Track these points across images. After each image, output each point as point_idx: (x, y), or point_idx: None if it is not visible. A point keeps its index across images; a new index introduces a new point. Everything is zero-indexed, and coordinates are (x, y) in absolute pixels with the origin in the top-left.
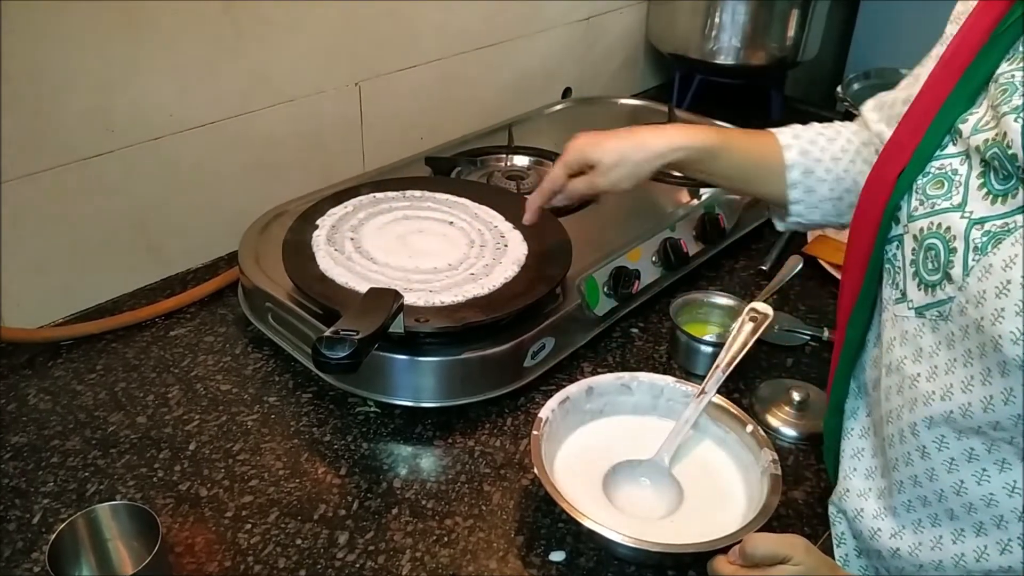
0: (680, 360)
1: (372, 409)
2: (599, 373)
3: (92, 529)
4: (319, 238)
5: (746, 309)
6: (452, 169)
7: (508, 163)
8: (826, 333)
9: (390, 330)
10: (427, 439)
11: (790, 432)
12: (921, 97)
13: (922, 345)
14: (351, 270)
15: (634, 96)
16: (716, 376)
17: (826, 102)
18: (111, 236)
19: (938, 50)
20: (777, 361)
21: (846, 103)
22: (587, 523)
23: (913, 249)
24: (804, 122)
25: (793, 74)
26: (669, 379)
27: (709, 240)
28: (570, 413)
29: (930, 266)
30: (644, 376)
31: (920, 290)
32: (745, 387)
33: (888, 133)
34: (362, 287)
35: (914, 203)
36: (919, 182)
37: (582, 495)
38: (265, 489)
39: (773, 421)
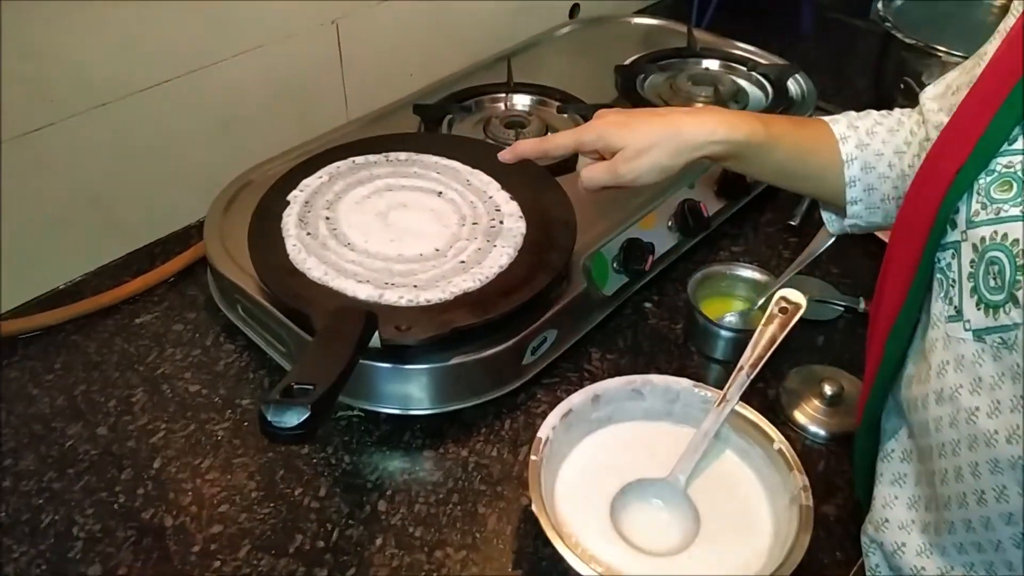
0: (697, 343)
1: (355, 413)
2: (607, 360)
3: None
4: (289, 220)
5: (775, 298)
6: (443, 117)
7: (508, 104)
8: (862, 304)
9: (368, 344)
10: (416, 448)
11: (820, 431)
12: (986, 78)
13: (981, 375)
14: (325, 259)
15: (649, 13)
16: (739, 380)
17: (861, 8)
18: (64, 215)
19: (1008, 24)
20: (807, 339)
21: (887, 22)
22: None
23: (972, 261)
24: (840, 35)
25: None
26: (685, 383)
27: (732, 196)
28: (573, 426)
29: (992, 283)
30: (657, 380)
31: (979, 310)
32: (771, 375)
33: None
34: (338, 282)
35: (975, 206)
36: (981, 181)
37: (588, 525)
38: (236, 516)
39: (801, 417)
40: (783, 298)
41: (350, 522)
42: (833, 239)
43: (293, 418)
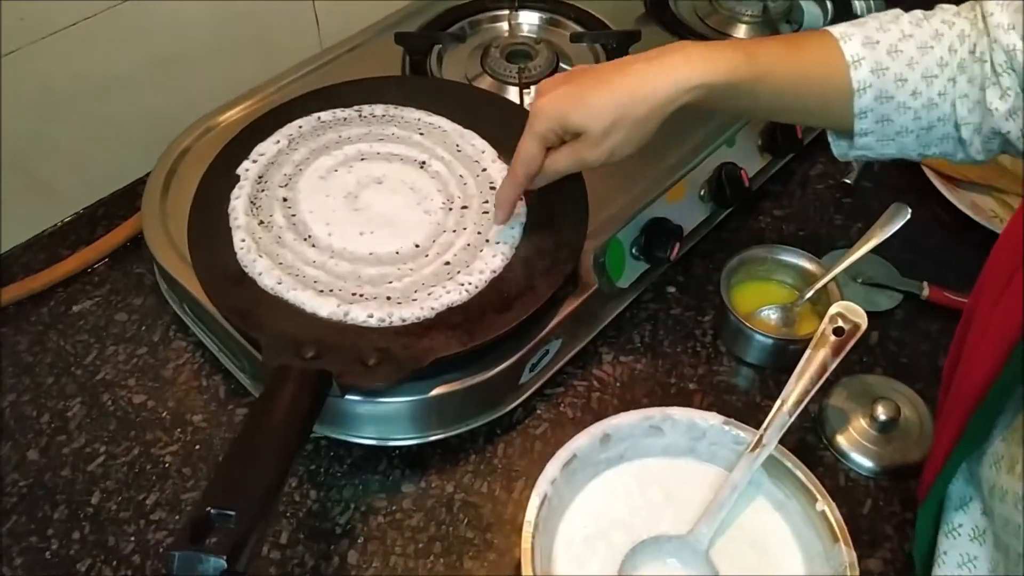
0: (727, 343)
1: (323, 435)
2: (621, 363)
3: None
4: (238, 204)
5: (828, 314)
6: (431, 48)
7: (512, 24)
8: (925, 290)
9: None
10: (394, 481)
11: (866, 462)
12: None
13: None
14: (281, 260)
15: None
16: (778, 421)
17: None
18: None
19: None
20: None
21: None
22: None
23: None
24: None
25: None
26: (713, 418)
27: (779, 151)
28: (578, 471)
29: None
30: (679, 414)
31: None
32: None
33: None
34: (295, 294)
35: None
36: None
37: None
38: None
39: (845, 443)
40: (840, 315)
41: None
42: (906, 219)
43: (207, 568)
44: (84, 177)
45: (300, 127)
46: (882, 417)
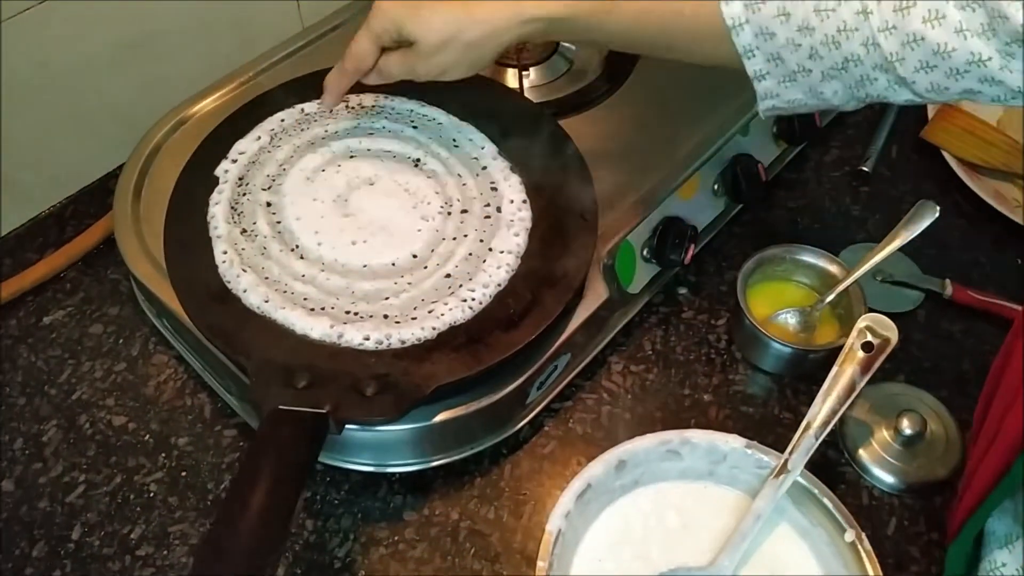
0: (743, 349)
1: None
2: (631, 373)
3: None
4: (218, 209)
5: (856, 328)
6: None
7: None
8: (948, 288)
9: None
10: (395, 508)
11: (890, 479)
12: None
13: None
14: (267, 275)
15: None
16: (804, 444)
17: None
18: None
19: None
20: None
21: None
22: None
23: None
24: None
25: None
26: (735, 441)
27: (796, 138)
28: (591, 501)
29: None
30: (699, 438)
31: None
32: None
33: None
34: (283, 314)
35: None
36: None
37: None
38: None
39: (867, 457)
40: (868, 328)
41: None
42: (934, 218)
43: None
44: (49, 173)
45: (282, 120)
46: (908, 432)
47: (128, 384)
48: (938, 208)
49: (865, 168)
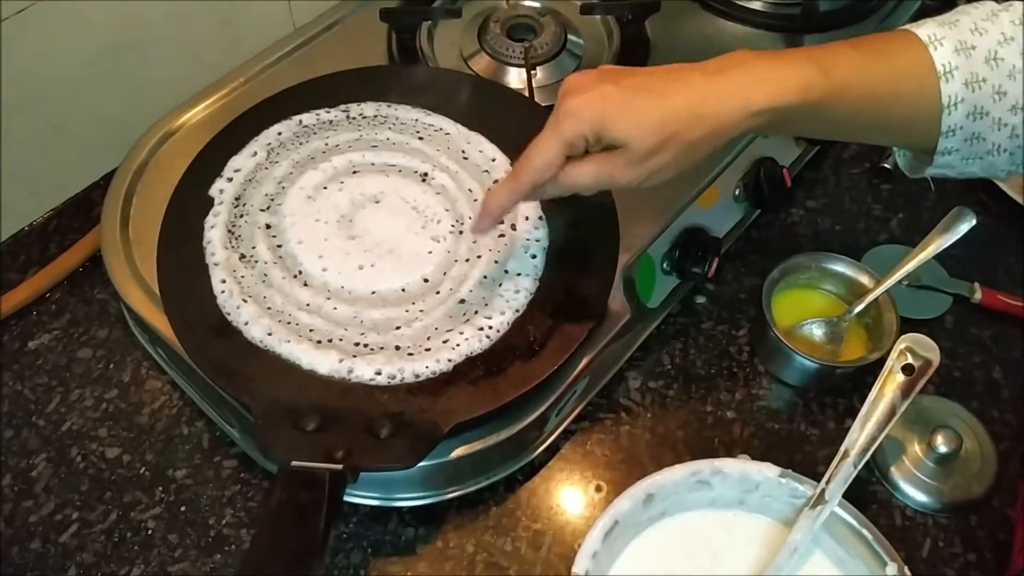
0: (766, 361)
1: None
2: (649, 390)
3: None
4: (214, 234)
5: (896, 350)
6: (420, 25)
7: None
8: (977, 292)
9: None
10: (407, 542)
11: (923, 498)
12: None
13: None
14: (269, 305)
15: None
16: (842, 473)
17: None
18: None
19: None
20: None
21: None
22: None
23: None
24: None
25: None
26: (769, 470)
27: (816, 139)
28: (618, 538)
29: None
30: (731, 467)
31: None
32: (860, 401)
33: None
34: (288, 348)
35: None
36: None
37: None
38: None
39: (899, 475)
40: (909, 349)
41: None
42: (971, 226)
43: None
44: (30, 187)
45: (279, 134)
46: (943, 449)
47: (121, 413)
48: (975, 216)
49: (887, 165)
